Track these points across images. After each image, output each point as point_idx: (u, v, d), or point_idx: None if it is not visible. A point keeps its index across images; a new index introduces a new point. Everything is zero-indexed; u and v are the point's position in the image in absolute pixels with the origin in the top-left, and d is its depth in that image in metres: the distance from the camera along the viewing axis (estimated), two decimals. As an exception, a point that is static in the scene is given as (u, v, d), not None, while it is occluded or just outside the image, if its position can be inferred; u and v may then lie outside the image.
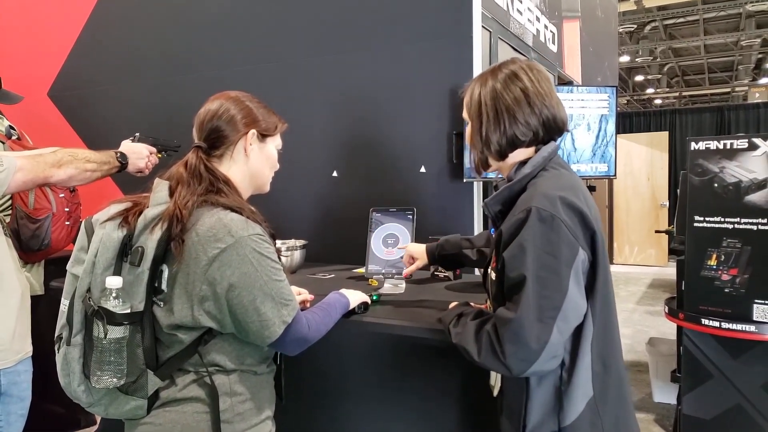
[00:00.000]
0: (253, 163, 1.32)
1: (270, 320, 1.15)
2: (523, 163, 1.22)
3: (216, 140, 1.28)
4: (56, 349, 1.18)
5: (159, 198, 1.19)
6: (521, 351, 1.05)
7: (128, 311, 1.11)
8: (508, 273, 1.10)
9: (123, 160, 1.91)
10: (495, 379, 1.30)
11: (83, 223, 1.22)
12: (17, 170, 1.54)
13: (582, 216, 1.11)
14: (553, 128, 1.23)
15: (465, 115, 1.30)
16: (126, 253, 1.14)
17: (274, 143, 1.39)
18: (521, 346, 1.05)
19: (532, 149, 1.24)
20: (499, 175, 1.34)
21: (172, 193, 1.19)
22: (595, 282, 1.14)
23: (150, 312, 1.15)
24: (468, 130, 1.30)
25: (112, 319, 1.09)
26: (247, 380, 1.23)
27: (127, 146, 1.97)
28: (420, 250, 1.81)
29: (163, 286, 1.14)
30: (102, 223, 1.17)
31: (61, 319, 1.17)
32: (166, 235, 1.12)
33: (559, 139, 1.28)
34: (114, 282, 1.10)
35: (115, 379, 1.10)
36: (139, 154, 1.97)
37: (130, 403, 1.17)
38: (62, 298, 1.19)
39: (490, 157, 1.26)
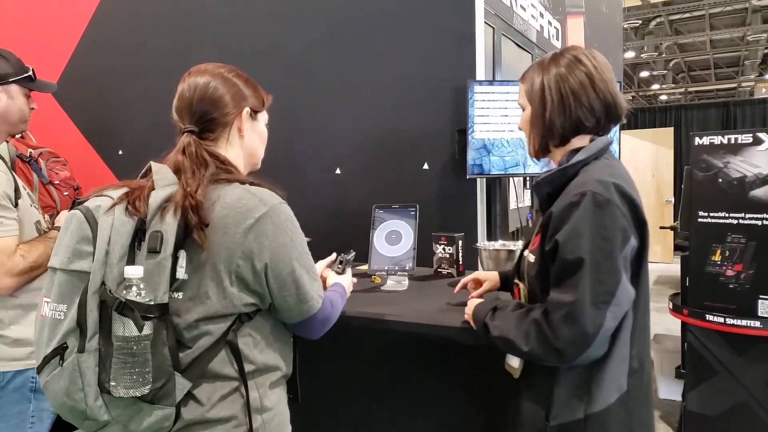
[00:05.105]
0: (248, 142, 1.25)
1: (308, 293, 1.12)
2: (576, 150, 1.22)
3: (209, 123, 1.18)
4: (56, 363, 1.00)
5: (165, 179, 1.08)
6: (578, 335, 1.05)
7: (153, 303, 0.98)
8: (563, 256, 1.09)
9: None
10: (519, 362, 1.25)
11: (79, 212, 1.04)
12: None
13: (633, 205, 1.12)
14: (614, 115, 1.24)
15: (522, 101, 1.30)
16: (139, 240, 1.02)
17: (263, 119, 1.32)
18: (578, 330, 1.04)
19: (588, 138, 1.24)
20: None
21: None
22: (639, 271, 1.14)
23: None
24: (526, 115, 1.30)
25: (143, 312, 0.96)
26: (274, 388, 1.16)
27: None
28: (490, 274, 1.65)
29: (179, 275, 1.03)
30: (108, 210, 1.03)
31: (60, 328, 1.00)
32: (182, 221, 1.02)
33: (613, 134, 1.29)
34: (135, 272, 0.97)
35: (140, 386, 0.96)
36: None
37: (156, 414, 1.01)
38: (52, 303, 1.01)
39: (551, 142, 1.25)
